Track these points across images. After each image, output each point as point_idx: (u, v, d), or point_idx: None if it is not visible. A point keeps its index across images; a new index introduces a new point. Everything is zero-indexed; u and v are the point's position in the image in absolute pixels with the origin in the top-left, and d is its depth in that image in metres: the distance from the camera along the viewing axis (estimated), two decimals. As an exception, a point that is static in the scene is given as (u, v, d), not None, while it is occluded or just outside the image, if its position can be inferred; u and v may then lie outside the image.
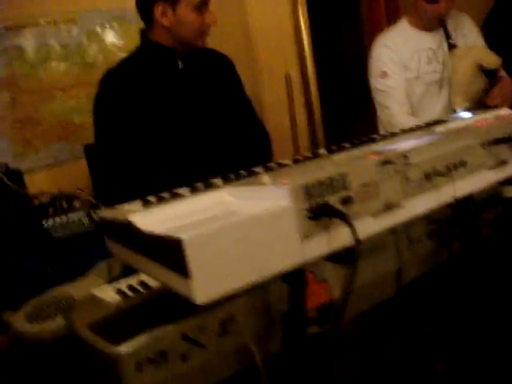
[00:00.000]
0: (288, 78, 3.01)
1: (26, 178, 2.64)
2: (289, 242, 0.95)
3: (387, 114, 2.46)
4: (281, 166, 1.26)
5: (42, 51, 2.88)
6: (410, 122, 2.37)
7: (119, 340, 1.02)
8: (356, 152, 1.26)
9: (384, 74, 2.46)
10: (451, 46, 2.33)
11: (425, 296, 1.55)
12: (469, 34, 2.49)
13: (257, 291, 1.13)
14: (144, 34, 1.97)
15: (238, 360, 1.16)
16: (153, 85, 1.90)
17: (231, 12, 3.03)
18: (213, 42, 2.03)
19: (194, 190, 1.15)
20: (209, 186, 1.15)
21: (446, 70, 2.41)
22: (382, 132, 2.44)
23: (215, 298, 0.88)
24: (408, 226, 1.42)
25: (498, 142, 1.26)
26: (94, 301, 1.21)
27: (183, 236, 0.84)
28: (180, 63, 1.93)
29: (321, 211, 0.98)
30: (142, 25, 1.98)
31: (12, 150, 2.80)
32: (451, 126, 1.41)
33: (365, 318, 1.40)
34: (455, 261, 1.51)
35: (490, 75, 2.25)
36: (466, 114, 1.71)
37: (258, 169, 1.23)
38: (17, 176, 2.74)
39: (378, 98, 2.50)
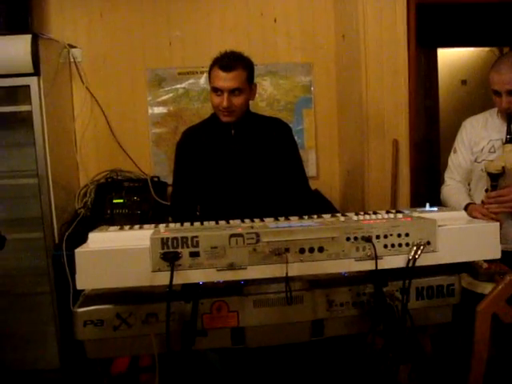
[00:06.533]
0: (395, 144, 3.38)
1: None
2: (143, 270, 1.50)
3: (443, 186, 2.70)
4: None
5: (202, 93, 3.68)
6: (451, 192, 2.62)
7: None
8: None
9: (454, 150, 2.69)
10: (506, 141, 2.40)
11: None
12: None
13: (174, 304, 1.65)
14: None
15: (144, 345, 1.71)
16: (212, 145, 2.50)
17: (352, 86, 3.50)
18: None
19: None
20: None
21: None
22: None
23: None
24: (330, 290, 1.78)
25: (364, 239, 1.59)
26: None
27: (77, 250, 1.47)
28: (233, 131, 2.48)
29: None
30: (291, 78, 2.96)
31: (168, 166, 3.62)
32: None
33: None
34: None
35: (492, 178, 2.34)
36: (432, 209, 1.98)
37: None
38: (161, 187, 3.55)
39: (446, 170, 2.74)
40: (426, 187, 4.41)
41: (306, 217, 1.84)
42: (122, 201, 3.40)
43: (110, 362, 2.62)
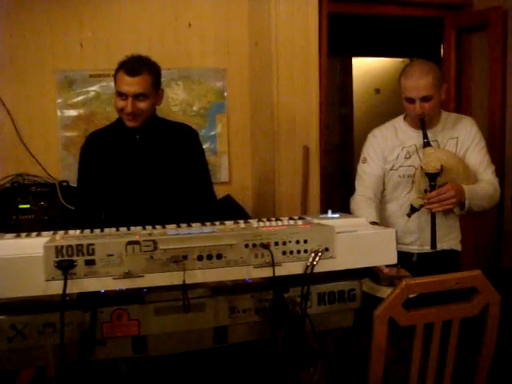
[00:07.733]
0: (305, 150, 3.43)
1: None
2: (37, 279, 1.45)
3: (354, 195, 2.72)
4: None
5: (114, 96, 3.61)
6: (360, 205, 2.62)
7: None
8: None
9: (364, 160, 2.71)
10: (425, 145, 2.48)
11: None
12: (462, 137, 2.58)
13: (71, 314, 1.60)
14: None
15: (41, 357, 1.65)
16: (117, 150, 2.46)
17: (264, 93, 3.54)
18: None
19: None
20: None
21: None
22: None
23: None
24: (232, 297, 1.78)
25: (262, 246, 1.60)
26: None
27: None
28: (137, 136, 2.45)
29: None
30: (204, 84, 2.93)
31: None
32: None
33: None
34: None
35: (430, 179, 2.39)
36: (334, 215, 2.00)
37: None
38: (70, 192, 3.45)
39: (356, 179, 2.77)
40: (340, 192, 4.51)
41: (208, 223, 1.83)
42: (28, 206, 3.31)
43: (16, 373, 2.52)
